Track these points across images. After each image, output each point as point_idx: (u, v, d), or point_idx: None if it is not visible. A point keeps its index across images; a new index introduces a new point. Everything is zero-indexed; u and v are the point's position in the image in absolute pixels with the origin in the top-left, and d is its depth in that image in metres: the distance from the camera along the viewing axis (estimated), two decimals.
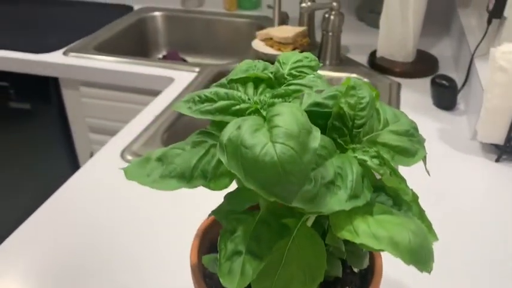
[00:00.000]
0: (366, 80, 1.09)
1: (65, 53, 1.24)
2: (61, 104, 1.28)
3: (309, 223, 0.32)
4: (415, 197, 0.33)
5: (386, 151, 0.33)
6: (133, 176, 0.32)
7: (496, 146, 0.80)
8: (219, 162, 0.30)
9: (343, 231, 0.28)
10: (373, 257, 0.40)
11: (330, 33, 1.13)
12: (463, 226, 0.66)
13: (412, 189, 0.33)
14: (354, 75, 1.11)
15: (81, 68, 1.19)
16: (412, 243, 0.27)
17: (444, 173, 0.77)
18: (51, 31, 1.39)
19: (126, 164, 0.78)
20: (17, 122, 1.34)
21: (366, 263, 0.38)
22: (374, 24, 1.36)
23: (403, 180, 0.32)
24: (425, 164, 0.36)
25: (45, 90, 1.27)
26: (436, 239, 0.32)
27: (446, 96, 0.94)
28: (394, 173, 0.31)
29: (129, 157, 0.81)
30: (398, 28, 1.09)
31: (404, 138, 0.34)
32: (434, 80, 0.94)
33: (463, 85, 0.97)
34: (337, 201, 0.27)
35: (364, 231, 0.27)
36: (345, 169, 0.29)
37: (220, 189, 0.30)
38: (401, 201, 0.31)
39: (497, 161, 0.79)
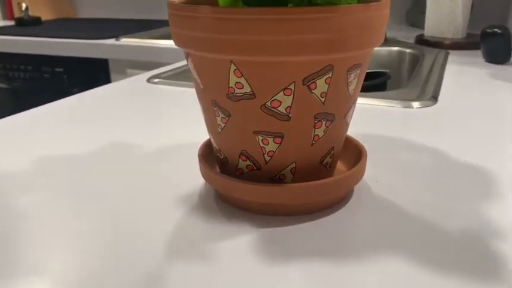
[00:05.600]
0: (409, 50, 1.04)
1: (116, 39, 1.30)
2: None
3: None
4: None
5: None
6: None
7: None
8: None
9: None
10: None
11: None
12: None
13: None
14: (396, 48, 1.07)
15: (129, 47, 1.23)
16: None
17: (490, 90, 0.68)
18: (109, 28, 1.48)
19: (151, 86, 0.77)
20: None
21: None
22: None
23: None
24: None
25: (95, 75, 1.32)
26: None
27: (498, 46, 0.86)
28: None
29: (155, 80, 0.80)
30: (447, 2, 1.05)
31: None
32: (484, 30, 0.88)
33: None
34: None
35: None
36: None
37: None
38: None
39: None
